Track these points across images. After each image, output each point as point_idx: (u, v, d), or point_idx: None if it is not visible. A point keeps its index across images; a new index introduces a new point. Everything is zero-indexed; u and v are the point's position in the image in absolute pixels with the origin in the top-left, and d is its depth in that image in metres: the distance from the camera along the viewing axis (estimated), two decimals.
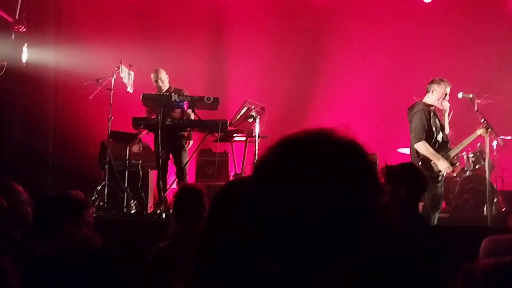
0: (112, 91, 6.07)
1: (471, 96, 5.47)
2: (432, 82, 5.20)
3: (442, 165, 4.96)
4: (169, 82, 6.25)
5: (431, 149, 4.96)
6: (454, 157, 5.28)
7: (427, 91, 5.21)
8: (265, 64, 7.97)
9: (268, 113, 5.97)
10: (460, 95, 5.49)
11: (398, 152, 7.05)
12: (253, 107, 5.68)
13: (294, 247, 0.82)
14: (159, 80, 6.11)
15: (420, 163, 4.88)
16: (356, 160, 0.87)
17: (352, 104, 7.92)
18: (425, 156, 4.95)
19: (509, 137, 6.68)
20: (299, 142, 0.87)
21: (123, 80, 6.13)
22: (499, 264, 1.29)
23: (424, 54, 8.03)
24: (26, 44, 6.15)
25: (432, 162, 4.96)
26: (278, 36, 8.11)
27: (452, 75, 5.70)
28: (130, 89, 6.22)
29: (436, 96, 5.14)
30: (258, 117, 5.66)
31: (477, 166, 7.28)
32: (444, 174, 5.11)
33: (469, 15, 7.92)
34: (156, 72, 6.16)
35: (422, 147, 4.93)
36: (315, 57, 8.18)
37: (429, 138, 5.00)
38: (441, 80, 5.18)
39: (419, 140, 4.93)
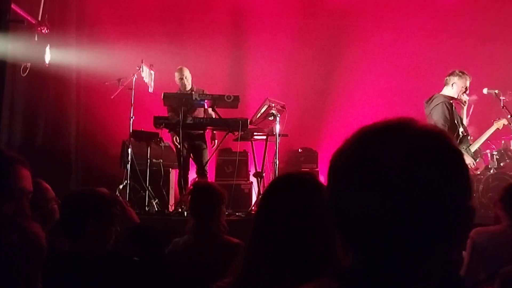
0: (134, 90, 6.11)
1: (496, 91, 5.36)
2: (452, 74, 5.05)
3: (465, 160, 4.84)
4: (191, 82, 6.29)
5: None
6: (475, 152, 5.19)
7: (446, 84, 5.05)
8: (285, 62, 7.94)
9: (289, 111, 5.94)
10: (485, 91, 5.38)
11: None
12: (273, 105, 5.66)
13: (374, 239, 0.79)
14: (184, 78, 6.14)
15: None
16: (442, 149, 0.82)
17: (373, 101, 7.84)
18: None
19: None
20: (380, 131, 0.84)
21: (144, 79, 6.18)
22: None
23: (447, 51, 7.89)
24: (48, 45, 6.24)
25: None
26: (298, 34, 8.07)
27: (476, 71, 5.58)
28: (150, 89, 6.26)
29: (456, 89, 5.00)
30: (279, 115, 5.64)
31: (501, 164, 7.12)
32: None
33: (494, 11, 7.76)
34: (181, 70, 6.19)
35: None
36: (336, 55, 8.12)
37: (452, 131, 4.86)
38: (462, 72, 5.03)
39: None
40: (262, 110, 5.78)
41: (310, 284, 0.85)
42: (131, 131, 6.01)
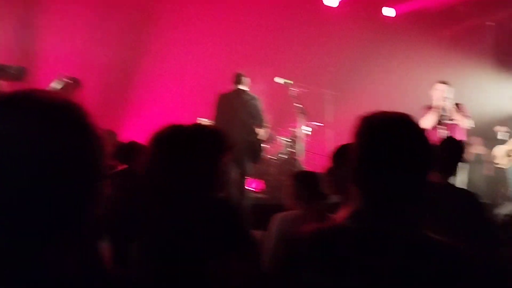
0: None
1: (286, 81, 5.89)
2: (244, 75, 5.79)
3: None
4: None
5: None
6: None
7: (242, 82, 5.73)
8: (85, 36, 7.36)
9: (87, 89, 5.51)
10: (279, 80, 5.83)
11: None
12: (64, 79, 5.20)
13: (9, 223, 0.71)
14: None
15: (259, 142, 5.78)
16: (60, 120, 0.75)
17: (176, 82, 7.84)
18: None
19: (320, 124, 7.29)
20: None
21: None
22: (321, 230, 1.27)
23: (246, 42, 8.21)
24: None
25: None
26: (100, 6, 7.54)
27: (271, 62, 5.94)
28: None
29: (247, 87, 5.76)
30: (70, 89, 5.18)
31: (291, 150, 7.77)
32: None
33: (288, 7, 8.38)
34: None
35: (264, 131, 5.77)
36: (141, 34, 7.83)
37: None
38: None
39: (263, 123, 5.68)
40: (54, 86, 5.23)
41: None
42: None
